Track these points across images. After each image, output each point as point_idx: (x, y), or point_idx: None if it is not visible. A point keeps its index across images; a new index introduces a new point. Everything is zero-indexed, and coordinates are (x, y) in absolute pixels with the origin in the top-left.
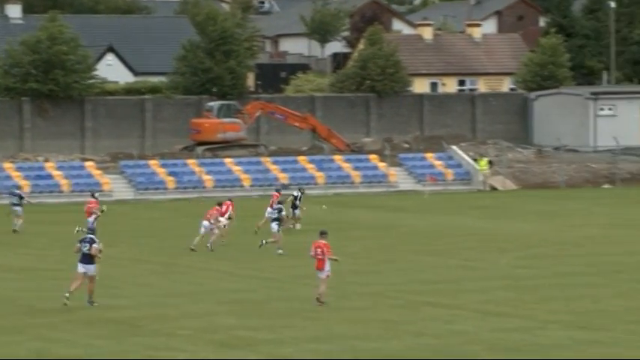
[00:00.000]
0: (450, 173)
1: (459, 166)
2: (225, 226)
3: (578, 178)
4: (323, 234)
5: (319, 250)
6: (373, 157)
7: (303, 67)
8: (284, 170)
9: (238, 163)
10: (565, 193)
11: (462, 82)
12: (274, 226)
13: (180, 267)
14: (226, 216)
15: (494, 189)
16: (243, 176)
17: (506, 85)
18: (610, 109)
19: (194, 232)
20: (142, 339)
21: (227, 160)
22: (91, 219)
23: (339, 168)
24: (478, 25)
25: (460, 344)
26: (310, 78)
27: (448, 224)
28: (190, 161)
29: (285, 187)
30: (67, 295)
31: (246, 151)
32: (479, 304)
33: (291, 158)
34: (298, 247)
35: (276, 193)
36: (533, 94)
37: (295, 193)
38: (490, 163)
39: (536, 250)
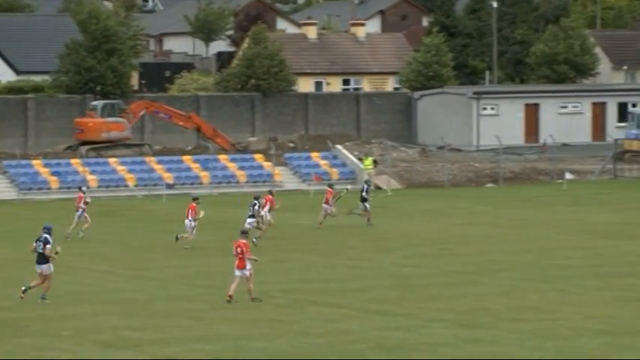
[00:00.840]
0: (335, 172)
1: (344, 165)
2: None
3: (462, 177)
4: (243, 233)
5: (239, 250)
6: (258, 156)
7: (188, 66)
8: (169, 170)
9: (123, 163)
10: (449, 192)
11: (346, 82)
12: (249, 220)
13: (64, 267)
14: (266, 209)
15: (379, 188)
16: (127, 176)
17: (390, 84)
18: (493, 108)
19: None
20: (27, 340)
21: (111, 160)
22: None
23: (225, 167)
24: (362, 25)
25: (345, 343)
26: (195, 77)
27: (333, 224)
28: (74, 161)
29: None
30: (24, 289)
31: (131, 151)
32: (364, 303)
33: (175, 158)
34: (199, 246)
35: (330, 189)
36: (417, 94)
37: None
38: (375, 162)
39: (421, 249)
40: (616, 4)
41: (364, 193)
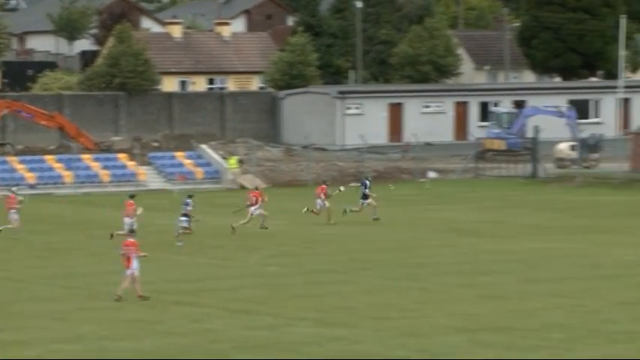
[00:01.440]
0: (199, 172)
1: (209, 164)
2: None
3: (326, 176)
4: (131, 232)
5: (126, 249)
6: (122, 156)
7: (51, 65)
8: (31, 170)
9: None
10: (313, 191)
11: (211, 81)
12: (182, 219)
13: None
14: (257, 205)
15: (243, 187)
16: None
17: (255, 83)
18: (357, 108)
19: None
20: None
21: None
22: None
23: (88, 167)
24: (227, 24)
25: (209, 342)
26: (58, 76)
27: (197, 223)
28: None
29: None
30: None
31: None
32: (228, 303)
33: (38, 157)
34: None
35: (324, 186)
36: (282, 93)
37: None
38: (240, 161)
39: (285, 248)
40: (478, 4)
41: (366, 190)
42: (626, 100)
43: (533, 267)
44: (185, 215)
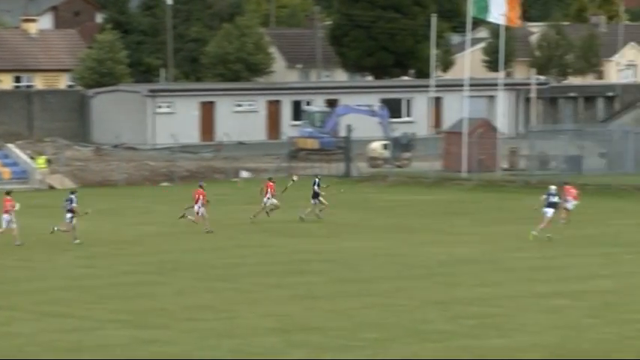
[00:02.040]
0: (6, 172)
1: (16, 164)
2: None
3: (138, 176)
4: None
5: None
6: None
7: None
8: None
9: None
10: (124, 191)
11: (18, 79)
12: (68, 216)
13: None
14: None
15: (52, 187)
16: None
17: (63, 81)
18: (168, 106)
19: None
20: None
21: None
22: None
23: None
24: (34, 21)
25: (18, 346)
26: None
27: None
28: None
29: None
30: None
31: None
32: (36, 305)
33: None
34: None
35: (271, 183)
36: (91, 92)
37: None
38: (49, 161)
39: (95, 249)
40: (290, 2)
41: (316, 187)
42: (438, 99)
43: (346, 267)
44: (70, 211)
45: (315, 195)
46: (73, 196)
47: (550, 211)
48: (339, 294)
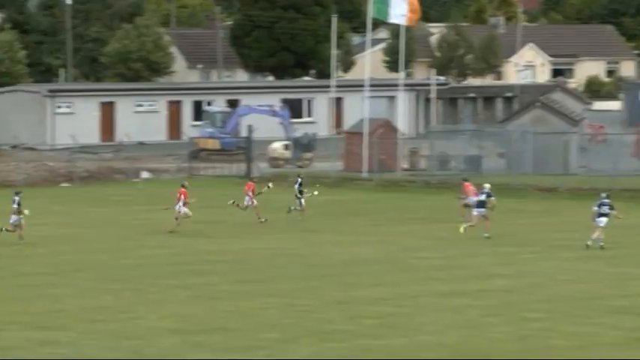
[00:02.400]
0: None
1: None
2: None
3: (37, 176)
4: None
5: None
6: None
7: None
8: None
9: None
10: (23, 191)
11: None
12: (14, 217)
13: None
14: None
15: None
16: None
17: None
18: (68, 106)
19: None
20: None
21: None
22: None
23: None
24: None
25: None
26: None
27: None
28: None
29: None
30: None
31: None
32: None
33: None
34: None
35: (251, 183)
36: None
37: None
38: None
39: None
40: (190, 2)
41: (297, 186)
42: (339, 100)
43: (247, 267)
44: (17, 213)
45: (300, 193)
46: (17, 197)
47: (480, 211)
48: (240, 294)
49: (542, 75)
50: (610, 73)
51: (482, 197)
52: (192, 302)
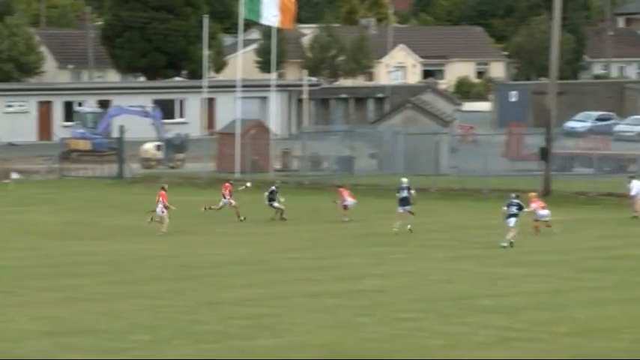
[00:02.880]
0: None
1: None
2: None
3: None
4: None
5: None
6: None
7: None
8: None
9: None
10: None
11: None
12: None
13: None
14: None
15: None
16: None
17: None
18: None
19: None
20: None
21: None
22: None
23: None
24: None
25: None
26: None
27: None
28: None
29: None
30: None
31: None
32: None
33: None
34: None
35: (227, 184)
36: None
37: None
38: None
39: None
40: (61, 2)
41: (267, 194)
42: (211, 100)
43: (119, 269)
44: None
45: (271, 201)
46: None
47: (405, 209)
48: (112, 296)
49: (413, 76)
50: (480, 74)
51: (404, 194)
52: (63, 304)
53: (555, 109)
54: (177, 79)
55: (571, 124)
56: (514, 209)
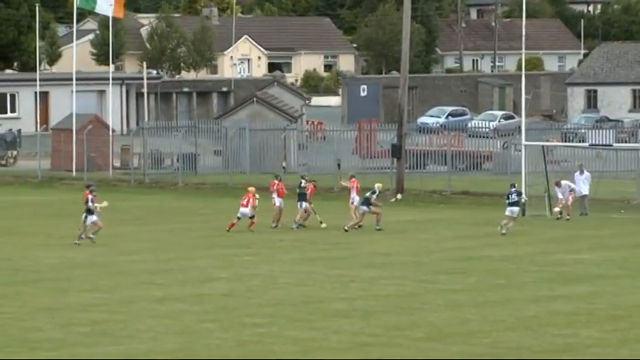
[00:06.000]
0: None
1: None
2: None
3: None
4: None
5: None
6: None
7: None
8: None
9: None
10: None
11: None
12: None
13: None
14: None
15: None
16: None
17: None
18: None
19: None
20: None
21: None
22: None
23: None
24: None
25: None
26: None
27: None
28: None
29: None
30: None
31: None
32: None
33: None
34: None
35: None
36: None
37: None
38: None
39: None
40: None
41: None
42: (45, 94)
43: None
44: None
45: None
46: None
47: (364, 209)
48: None
49: (259, 69)
50: (328, 67)
51: (367, 194)
52: None
53: (407, 104)
54: (8, 71)
55: (424, 119)
56: (514, 197)
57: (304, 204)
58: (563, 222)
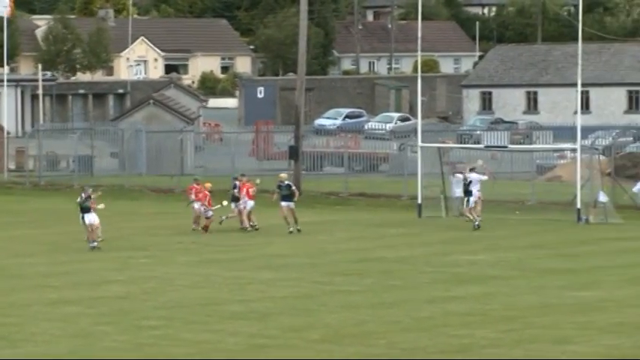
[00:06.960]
0: None
1: None
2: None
3: None
4: None
5: None
6: None
7: None
8: None
9: None
10: None
11: None
12: None
13: None
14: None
15: None
16: None
17: None
18: None
19: None
20: None
21: None
22: None
23: None
24: None
25: None
26: None
27: None
28: None
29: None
30: None
31: None
32: None
33: None
34: None
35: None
36: None
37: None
38: None
39: None
40: None
41: (235, 191)
42: None
43: None
44: None
45: (235, 199)
46: None
47: (289, 204)
48: None
49: (155, 71)
50: (225, 69)
51: (282, 190)
52: None
53: (304, 106)
54: None
55: (321, 121)
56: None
57: (240, 204)
58: (460, 223)
